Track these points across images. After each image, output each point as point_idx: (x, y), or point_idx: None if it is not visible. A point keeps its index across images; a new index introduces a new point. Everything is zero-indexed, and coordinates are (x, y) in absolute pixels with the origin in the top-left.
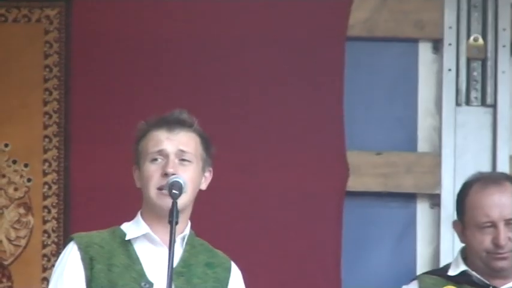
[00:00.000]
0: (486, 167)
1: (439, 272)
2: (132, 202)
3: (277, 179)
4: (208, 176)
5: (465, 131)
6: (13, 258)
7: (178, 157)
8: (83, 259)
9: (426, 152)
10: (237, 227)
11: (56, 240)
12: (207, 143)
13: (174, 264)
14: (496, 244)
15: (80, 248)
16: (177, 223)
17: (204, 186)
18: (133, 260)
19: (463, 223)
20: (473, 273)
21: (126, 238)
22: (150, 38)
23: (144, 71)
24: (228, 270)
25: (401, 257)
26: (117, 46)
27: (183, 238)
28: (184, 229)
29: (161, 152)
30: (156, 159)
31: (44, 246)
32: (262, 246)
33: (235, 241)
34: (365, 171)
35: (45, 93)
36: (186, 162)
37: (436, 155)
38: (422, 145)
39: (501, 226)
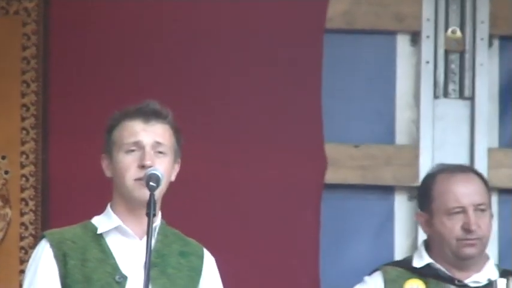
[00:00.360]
0: (464, 160)
1: (403, 264)
2: (110, 195)
3: (256, 171)
4: (177, 167)
5: (443, 124)
6: None
7: (154, 149)
8: (56, 256)
9: (404, 145)
10: (216, 219)
11: (33, 232)
12: (178, 134)
13: None
14: (467, 229)
15: (52, 245)
16: (154, 215)
17: (173, 178)
18: (106, 254)
19: (430, 212)
20: (438, 266)
21: (98, 232)
22: (129, 30)
23: (123, 63)
24: (201, 258)
25: (379, 249)
26: (95, 38)
27: (155, 228)
28: (156, 220)
29: (137, 144)
30: (131, 151)
31: (22, 238)
32: (241, 238)
33: (214, 233)
34: (343, 163)
35: (23, 86)
36: (161, 155)
37: (414, 147)
38: (401, 138)
39: (471, 211)
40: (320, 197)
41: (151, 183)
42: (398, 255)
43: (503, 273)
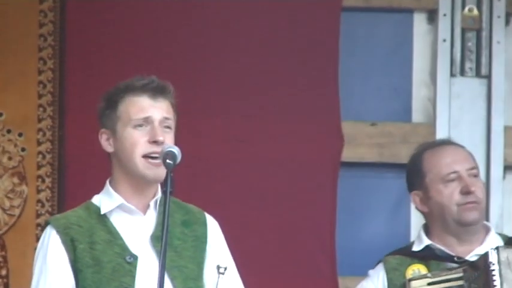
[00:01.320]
0: (480, 137)
1: (403, 251)
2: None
3: (273, 148)
4: None
5: (460, 102)
6: (7, 228)
7: (162, 124)
8: (64, 242)
9: (421, 123)
10: (231, 196)
11: (49, 209)
12: (177, 109)
13: (151, 230)
14: (466, 192)
15: (58, 231)
16: (171, 193)
17: None
18: (113, 235)
19: (424, 189)
20: (437, 246)
21: (102, 212)
22: (147, 7)
23: (139, 40)
24: (204, 224)
25: (395, 227)
26: (112, 15)
27: (156, 202)
28: (155, 193)
29: (147, 119)
30: (140, 125)
31: (38, 215)
32: (257, 216)
33: (229, 211)
34: (360, 141)
35: (40, 63)
36: (168, 129)
37: (430, 125)
38: (417, 115)
39: (465, 175)
40: (337, 174)
41: (168, 160)
42: (415, 233)
43: (509, 242)
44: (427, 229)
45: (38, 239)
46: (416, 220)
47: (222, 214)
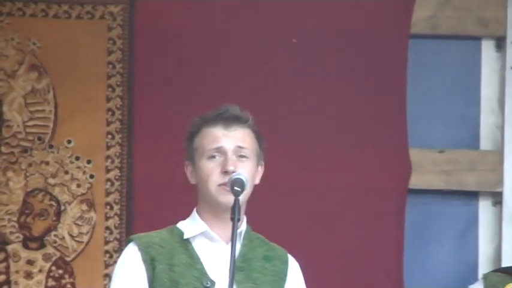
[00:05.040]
0: None
1: (505, 269)
2: (194, 199)
3: (340, 176)
4: (260, 170)
5: None
6: (75, 255)
7: (236, 154)
8: (144, 260)
9: (489, 150)
10: (298, 224)
11: (118, 236)
12: (260, 137)
13: None
14: None
15: (140, 249)
16: (239, 220)
17: (257, 181)
18: (194, 259)
19: None
20: None
21: (185, 237)
22: (212, 35)
23: (206, 68)
24: (286, 262)
25: (463, 255)
26: (179, 42)
27: (240, 233)
28: (241, 224)
29: (219, 149)
30: (213, 156)
31: (106, 242)
32: (324, 244)
33: (296, 238)
34: (427, 168)
35: (108, 90)
36: (243, 159)
37: (498, 152)
38: (485, 143)
39: None
40: (404, 202)
41: (235, 187)
42: (482, 260)
43: None
44: None
45: (106, 266)
46: (485, 247)
47: (287, 242)
